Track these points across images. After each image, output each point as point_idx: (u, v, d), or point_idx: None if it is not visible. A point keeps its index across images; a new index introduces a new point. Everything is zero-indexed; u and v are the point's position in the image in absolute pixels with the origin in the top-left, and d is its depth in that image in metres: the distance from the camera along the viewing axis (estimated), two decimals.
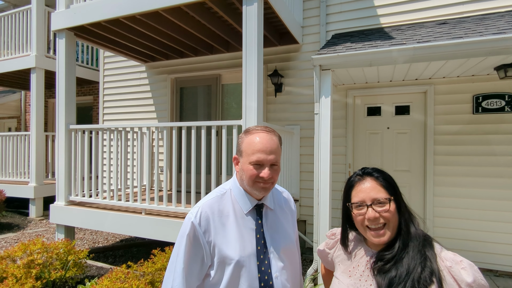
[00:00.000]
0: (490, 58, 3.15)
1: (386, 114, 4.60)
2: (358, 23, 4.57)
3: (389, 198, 1.09)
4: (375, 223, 1.09)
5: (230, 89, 5.53)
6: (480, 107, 4.01)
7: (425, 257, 1.02)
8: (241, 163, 1.25)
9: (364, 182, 1.14)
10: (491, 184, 3.96)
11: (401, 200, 1.13)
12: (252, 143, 1.21)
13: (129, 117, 6.11)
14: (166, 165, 3.88)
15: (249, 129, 1.28)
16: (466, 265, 0.98)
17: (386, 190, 1.11)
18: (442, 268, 1.00)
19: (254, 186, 1.22)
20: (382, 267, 1.07)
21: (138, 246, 5.10)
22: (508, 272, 3.88)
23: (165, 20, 4.14)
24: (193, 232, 1.19)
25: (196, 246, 1.19)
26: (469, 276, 0.96)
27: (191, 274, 1.19)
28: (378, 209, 1.08)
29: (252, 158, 1.19)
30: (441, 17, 4.18)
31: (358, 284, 1.12)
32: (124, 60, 6.13)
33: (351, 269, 1.18)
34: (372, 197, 1.10)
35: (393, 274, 1.02)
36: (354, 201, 1.14)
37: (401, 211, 1.11)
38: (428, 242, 1.07)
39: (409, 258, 1.03)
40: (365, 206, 1.10)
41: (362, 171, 1.18)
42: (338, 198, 4.78)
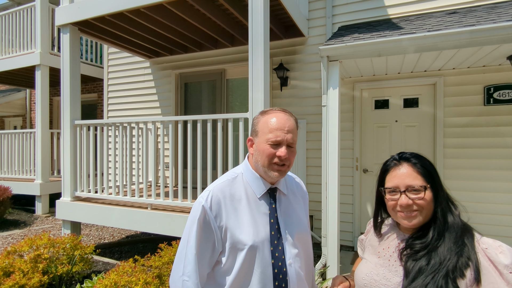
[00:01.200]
0: (503, 46, 3.06)
1: (394, 107, 4.52)
2: (364, 15, 4.48)
3: (424, 186, 1.04)
4: (408, 209, 1.04)
5: (235, 84, 5.48)
6: (492, 98, 3.92)
7: (463, 245, 0.97)
8: (256, 143, 1.21)
9: (400, 167, 1.09)
10: (504, 177, 3.87)
11: (439, 188, 1.07)
12: (269, 122, 1.17)
13: (133, 113, 6.09)
14: (172, 161, 3.84)
15: (266, 110, 1.24)
16: (505, 249, 0.94)
17: (423, 177, 1.05)
18: (478, 251, 0.95)
19: (270, 167, 1.17)
20: (412, 255, 1.02)
21: (144, 242, 5.09)
22: None
23: (170, 13, 4.09)
24: (204, 216, 1.14)
25: (207, 231, 1.14)
26: (506, 258, 0.90)
27: (203, 260, 1.14)
28: (412, 196, 1.03)
29: (270, 136, 1.15)
30: (450, 7, 4.09)
31: (388, 264, 1.08)
32: (128, 56, 6.10)
33: (380, 250, 1.14)
34: (407, 184, 1.05)
35: (423, 263, 0.98)
36: (388, 186, 1.10)
37: (438, 199, 1.06)
38: (467, 231, 1.02)
39: (444, 248, 0.98)
40: (398, 192, 1.06)
41: (399, 156, 1.13)
42: (346, 193, 4.72)
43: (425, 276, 0.95)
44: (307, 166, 4.74)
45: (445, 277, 0.92)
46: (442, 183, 1.08)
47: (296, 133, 1.21)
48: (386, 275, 1.05)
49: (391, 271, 1.05)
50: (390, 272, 1.05)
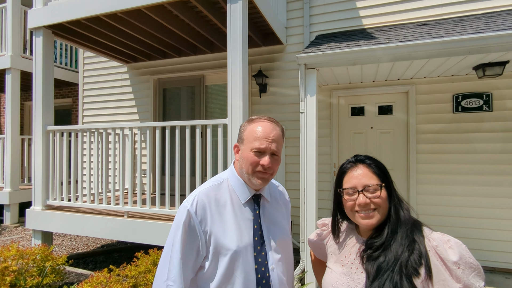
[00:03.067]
0: (469, 57, 3.24)
1: (369, 114, 4.66)
2: (341, 24, 4.62)
3: (380, 184, 1.09)
4: (366, 208, 1.08)
5: (214, 90, 5.48)
6: (460, 106, 4.13)
7: (413, 241, 1.02)
8: (241, 150, 1.24)
9: (356, 168, 1.14)
10: (472, 181, 4.06)
11: (392, 187, 1.13)
12: (254, 131, 1.20)
13: (110, 119, 5.95)
14: (149, 168, 3.78)
15: (253, 118, 1.26)
16: (453, 243, 0.98)
17: (377, 177, 1.11)
18: (429, 248, 1.00)
19: (253, 175, 1.20)
20: (371, 254, 1.06)
21: (120, 251, 4.94)
22: (490, 267, 3.97)
23: (148, 18, 4.06)
24: (189, 220, 1.14)
25: (192, 236, 1.14)
26: (455, 254, 0.95)
27: (187, 265, 1.13)
28: (369, 195, 1.08)
29: (254, 145, 1.18)
30: (421, 19, 4.29)
31: (350, 272, 1.11)
32: (105, 61, 5.97)
33: (343, 258, 1.17)
34: (364, 184, 1.10)
35: (381, 261, 1.02)
36: (346, 187, 1.14)
37: (391, 198, 1.11)
38: (417, 226, 1.07)
39: (397, 244, 1.02)
40: (356, 192, 1.10)
41: (355, 158, 1.18)
42: (324, 198, 4.79)
43: (382, 274, 0.98)
44: (286, 172, 4.79)
45: (399, 273, 0.96)
46: (394, 183, 1.14)
47: (282, 141, 1.25)
48: (350, 284, 1.08)
49: (354, 279, 1.08)
50: (353, 280, 1.08)
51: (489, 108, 4.01)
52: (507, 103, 3.96)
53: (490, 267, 3.98)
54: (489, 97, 4.01)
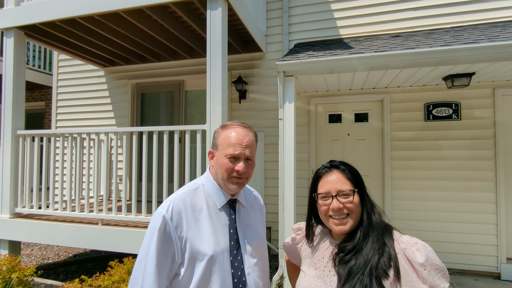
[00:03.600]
0: (439, 68, 3.40)
1: (346, 121, 4.77)
2: (319, 34, 4.74)
3: (353, 190, 1.12)
4: (339, 213, 1.11)
5: (193, 96, 5.45)
6: (431, 114, 4.31)
7: (383, 244, 1.05)
8: (216, 156, 1.25)
9: (331, 174, 1.17)
10: (442, 187, 4.23)
11: (364, 193, 1.16)
12: (228, 137, 1.22)
13: (86, 123, 5.78)
14: (126, 174, 3.69)
15: (226, 124, 1.28)
16: (420, 246, 1.02)
17: (351, 182, 1.14)
18: (398, 251, 1.03)
19: (229, 180, 1.21)
20: (343, 257, 1.08)
21: (94, 260, 4.77)
22: (460, 270, 4.13)
23: (126, 22, 4.00)
24: (164, 226, 1.13)
25: (167, 242, 1.12)
26: (421, 256, 0.98)
27: (162, 273, 1.11)
28: (343, 200, 1.11)
29: (228, 151, 1.19)
30: (395, 30, 4.48)
31: (323, 275, 1.13)
32: (80, 64, 5.82)
33: (316, 261, 1.19)
34: (338, 189, 1.12)
35: (352, 264, 1.04)
36: (320, 192, 1.16)
37: (364, 203, 1.14)
38: (387, 230, 1.10)
39: (368, 247, 1.05)
40: (330, 197, 1.13)
41: (330, 164, 1.21)
42: (302, 204, 4.84)
43: (353, 277, 1.01)
44: (265, 178, 4.81)
45: (369, 275, 0.99)
46: (366, 188, 1.17)
47: (255, 146, 1.27)
48: (322, 287, 1.09)
49: (326, 282, 1.10)
50: (325, 283, 1.10)
51: (458, 117, 4.21)
52: (475, 112, 4.17)
53: (460, 270, 4.14)
54: (458, 107, 4.21)
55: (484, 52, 2.99)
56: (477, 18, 4.20)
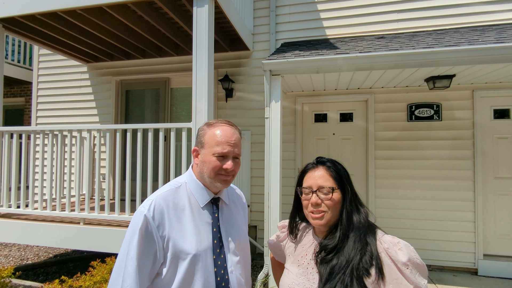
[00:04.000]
0: (421, 70, 3.49)
1: (332, 120, 4.83)
2: (306, 34, 4.78)
3: (333, 187, 1.13)
4: (317, 208, 1.13)
5: (179, 93, 5.39)
6: (413, 115, 4.41)
7: (366, 244, 1.06)
8: (202, 155, 1.23)
9: (316, 170, 1.19)
10: (424, 185, 4.34)
11: (347, 192, 1.16)
12: (216, 135, 1.20)
13: (68, 120, 5.63)
14: (109, 172, 3.62)
15: (212, 122, 1.26)
16: (402, 246, 1.04)
17: (334, 180, 1.15)
18: (380, 250, 1.04)
19: (216, 178, 1.20)
20: (324, 257, 1.09)
21: (76, 260, 4.66)
22: (440, 266, 4.25)
23: (110, 17, 3.92)
24: (146, 226, 1.11)
25: (149, 242, 1.11)
26: (404, 255, 1.00)
27: (143, 273, 1.09)
28: (322, 196, 1.13)
29: (217, 150, 1.18)
30: (379, 32, 4.55)
31: (306, 272, 1.13)
32: (62, 59, 5.66)
33: (299, 258, 1.20)
34: (319, 184, 1.14)
35: (334, 263, 1.05)
36: (303, 186, 1.19)
37: (345, 202, 1.14)
38: (371, 230, 1.11)
39: (349, 247, 1.06)
40: (311, 192, 1.15)
41: (317, 160, 1.23)
42: (288, 202, 4.87)
43: (334, 277, 1.02)
44: (251, 177, 4.81)
45: (350, 275, 1.00)
46: (352, 187, 1.18)
47: (241, 145, 1.27)
48: (306, 284, 1.10)
49: (309, 279, 1.11)
50: (308, 280, 1.11)
51: (439, 118, 4.33)
52: (455, 113, 4.30)
53: (440, 266, 4.26)
54: (439, 107, 4.33)
55: (464, 54, 3.09)
56: (458, 22, 4.32)
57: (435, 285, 3.81)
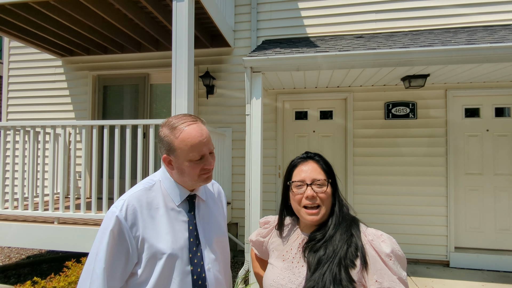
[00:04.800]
0: (397, 69, 3.59)
1: (312, 118, 4.89)
2: (286, 31, 4.80)
3: (327, 180, 1.15)
4: (312, 202, 1.13)
5: (159, 89, 5.30)
6: (390, 113, 4.54)
7: (351, 235, 1.09)
8: (177, 163, 1.16)
9: (306, 164, 1.20)
10: (400, 181, 4.48)
11: (336, 185, 1.20)
12: (187, 140, 1.12)
13: (40, 116, 5.41)
14: (85, 170, 3.51)
15: (174, 124, 1.15)
16: (386, 238, 1.07)
17: (325, 173, 1.17)
18: (365, 242, 1.07)
19: (199, 179, 1.18)
20: (313, 246, 1.11)
21: (50, 261, 4.51)
22: (414, 259, 4.41)
23: (86, 10, 3.80)
24: (118, 227, 1.08)
25: (121, 243, 1.08)
26: (387, 247, 1.04)
27: (113, 275, 1.07)
28: (317, 189, 1.13)
29: (194, 156, 1.13)
30: (358, 31, 4.65)
31: (291, 266, 1.14)
32: (35, 52, 5.43)
33: (284, 253, 1.20)
34: (313, 178, 1.15)
35: (322, 253, 1.07)
36: (295, 180, 1.18)
37: (335, 195, 1.18)
38: (355, 222, 1.14)
39: (337, 238, 1.09)
40: (305, 185, 1.15)
41: (306, 154, 1.24)
42: (269, 199, 4.91)
43: (323, 266, 1.04)
44: (232, 174, 4.80)
45: (338, 265, 1.02)
46: (338, 180, 1.22)
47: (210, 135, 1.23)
48: (291, 278, 1.11)
49: (295, 273, 1.12)
50: (293, 274, 1.11)
51: (414, 116, 4.47)
52: (430, 111, 4.45)
53: (414, 259, 4.41)
54: (415, 106, 4.47)
55: (437, 55, 3.20)
56: (432, 23, 4.47)
57: (409, 277, 3.94)
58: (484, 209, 4.38)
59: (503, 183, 4.36)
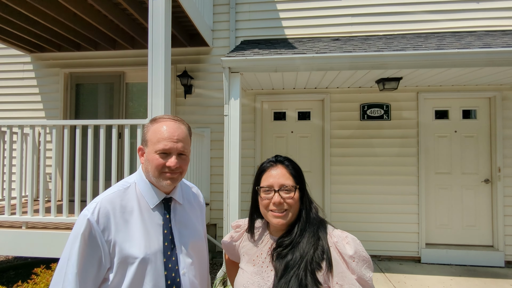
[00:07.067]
0: (372, 72, 3.69)
1: (290, 119, 4.94)
2: (265, 32, 4.83)
3: (295, 186, 1.15)
4: (279, 208, 1.13)
5: (135, 88, 5.17)
6: (366, 114, 4.66)
7: (318, 238, 1.10)
8: (146, 153, 1.18)
9: (275, 168, 1.18)
10: (374, 181, 4.62)
11: (304, 190, 1.19)
12: (158, 131, 1.15)
13: (7, 115, 5.14)
14: (56, 172, 3.37)
15: (156, 117, 1.20)
16: (350, 239, 1.09)
17: (293, 178, 1.16)
18: (330, 244, 1.08)
19: (161, 177, 1.15)
20: (280, 252, 1.11)
21: (18, 268, 4.29)
22: (388, 256, 4.56)
23: (57, 4, 3.64)
24: (89, 230, 1.05)
25: (93, 247, 1.05)
26: (351, 249, 1.06)
27: (86, 280, 1.03)
28: (284, 195, 1.13)
29: (158, 147, 1.13)
30: (335, 34, 4.74)
31: (261, 270, 1.14)
32: (1, 48, 5.15)
33: (254, 257, 1.20)
34: (280, 183, 1.14)
35: (289, 258, 1.07)
36: (263, 185, 1.17)
37: (303, 200, 1.17)
38: (322, 225, 1.15)
39: (304, 242, 1.09)
40: (272, 191, 1.14)
41: (275, 158, 1.22)
42: (247, 200, 4.93)
43: (289, 272, 1.04)
44: (211, 175, 4.76)
45: (304, 270, 1.03)
46: (307, 185, 1.22)
47: (189, 141, 1.22)
48: (260, 283, 1.11)
49: (264, 278, 1.12)
50: (263, 279, 1.12)
51: (388, 117, 4.62)
52: (403, 113, 4.61)
53: (388, 256, 4.56)
54: (388, 108, 4.62)
55: (409, 59, 3.33)
56: (405, 28, 4.63)
57: (383, 273, 4.07)
58: (452, 207, 4.60)
59: (469, 182, 4.59)
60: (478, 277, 3.98)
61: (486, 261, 4.37)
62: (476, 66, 3.39)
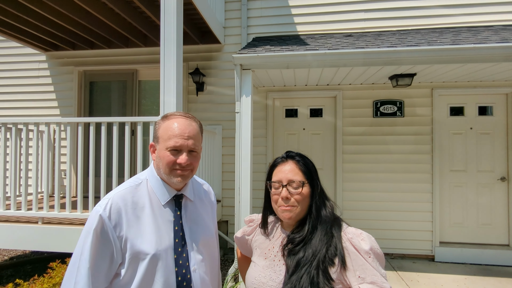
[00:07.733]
0: (385, 68, 3.63)
1: (302, 116, 4.91)
2: (277, 29, 4.79)
3: (303, 181, 1.15)
4: (287, 202, 1.14)
5: (148, 86, 5.22)
6: (379, 111, 4.60)
7: (331, 236, 1.09)
8: (157, 150, 1.18)
9: (286, 164, 1.19)
10: (388, 178, 4.56)
11: (315, 186, 1.18)
12: (169, 128, 1.15)
13: (23, 113, 5.25)
14: (71, 168, 3.43)
15: (167, 114, 1.21)
16: (365, 236, 1.08)
17: (303, 174, 1.16)
18: (344, 240, 1.08)
19: (172, 174, 1.16)
20: (292, 249, 1.11)
21: (35, 262, 4.40)
22: (401, 254, 4.50)
23: (72, 4, 3.69)
24: (102, 226, 1.06)
25: (105, 243, 1.06)
26: (366, 245, 1.05)
27: (98, 275, 1.05)
28: (292, 190, 1.14)
29: (169, 143, 1.13)
30: (347, 30, 4.68)
31: (273, 264, 1.15)
32: (17, 47, 5.26)
33: (266, 251, 1.20)
34: (289, 178, 1.15)
35: (301, 256, 1.07)
36: (273, 180, 1.19)
37: (313, 195, 1.17)
38: (336, 223, 1.14)
39: (317, 240, 1.09)
40: (281, 186, 1.15)
41: (286, 154, 1.23)
42: (259, 197, 4.91)
43: (301, 269, 1.04)
44: (223, 172, 4.78)
45: (317, 268, 1.03)
46: (319, 182, 1.21)
47: (200, 138, 1.22)
48: (272, 276, 1.12)
49: (276, 271, 1.12)
50: (275, 272, 1.12)
51: (402, 114, 4.54)
52: (416, 110, 4.53)
53: (401, 254, 4.50)
54: (402, 104, 4.54)
55: (424, 54, 3.25)
56: (419, 23, 4.54)
57: (396, 272, 4.02)
58: (467, 205, 4.50)
59: (485, 179, 4.49)
60: (493, 276, 3.90)
61: (502, 260, 4.27)
62: (492, 62, 3.30)
